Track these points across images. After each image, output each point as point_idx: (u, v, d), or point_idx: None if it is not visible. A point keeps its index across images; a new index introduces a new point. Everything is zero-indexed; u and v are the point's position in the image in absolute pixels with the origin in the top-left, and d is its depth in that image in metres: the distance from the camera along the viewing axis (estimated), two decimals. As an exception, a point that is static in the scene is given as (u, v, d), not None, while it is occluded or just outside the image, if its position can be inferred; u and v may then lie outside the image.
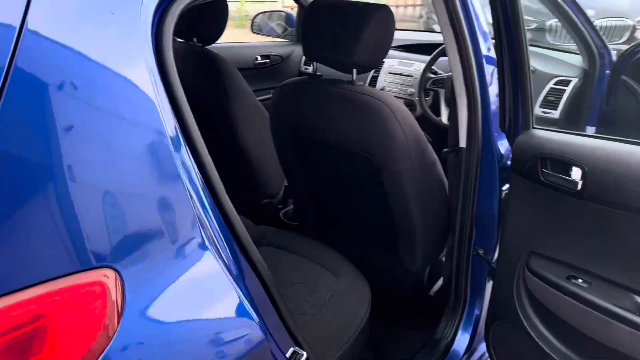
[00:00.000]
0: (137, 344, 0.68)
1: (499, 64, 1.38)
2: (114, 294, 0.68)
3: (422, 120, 2.63)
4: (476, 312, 1.78)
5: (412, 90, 2.68)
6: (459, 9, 1.45)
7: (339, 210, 1.95)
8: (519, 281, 1.46)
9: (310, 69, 3.20)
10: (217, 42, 2.11)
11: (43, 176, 0.63)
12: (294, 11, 3.35)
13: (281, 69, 3.17)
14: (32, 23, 0.63)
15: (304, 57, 3.26)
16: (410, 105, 2.69)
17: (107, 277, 0.68)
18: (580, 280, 1.28)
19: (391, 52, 2.94)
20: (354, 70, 1.58)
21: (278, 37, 3.47)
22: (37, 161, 0.63)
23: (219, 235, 0.84)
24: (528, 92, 1.34)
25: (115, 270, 0.69)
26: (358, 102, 1.55)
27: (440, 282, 1.91)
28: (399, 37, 3.10)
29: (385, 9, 1.51)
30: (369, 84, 2.84)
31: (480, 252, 1.70)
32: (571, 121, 2.42)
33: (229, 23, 2.40)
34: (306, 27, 1.60)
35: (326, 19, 1.58)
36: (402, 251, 1.80)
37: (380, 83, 2.80)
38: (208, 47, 2.12)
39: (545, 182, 1.30)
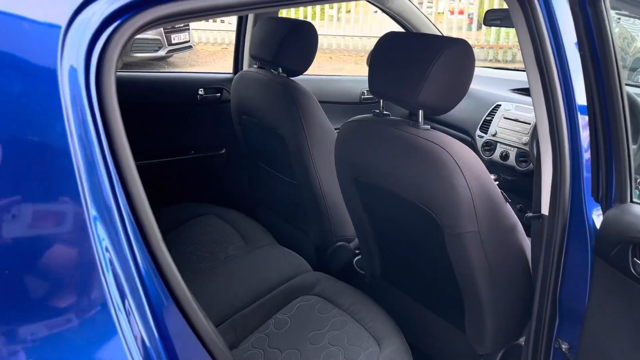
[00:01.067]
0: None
1: (590, 115, 1.09)
2: None
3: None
4: None
5: (528, 139, 2.35)
6: (548, 43, 1.18)
7: (404, 265, 1.72)
8: (598, 398, 1.12)
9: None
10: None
11: None
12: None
13: (393, 106, 3.00)
14: None
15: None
16: (523, 156, 2.35)
17: None
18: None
19: (510, 94, 2.63)
20: (420, 112, 1.38)
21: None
22: None
23: (143, 299, 0.70)
24: (624, 154, 1.03)
25: None
26: (418, 147, 1.34)
27: (516, 372, 1.58)
28: (521, 78, 2.77)
29: (461, 44, 1.30)
30: (480, 129, 2.55)
31: (564, 346, 1.36)
32: None
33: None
34: (373, 60, 1.44)
35: (393, 53, 1.41)
36: (468, 326, 1.51)
37: (492, 128, 2.50)
38: (306, 77, 2.04)
39: (637, 277, 0.97)
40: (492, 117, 2.53)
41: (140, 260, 0.69)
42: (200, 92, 2.44)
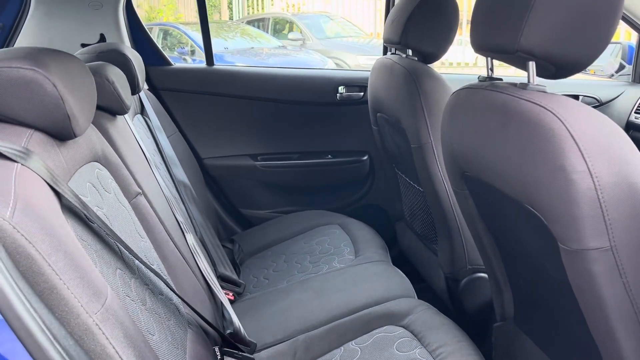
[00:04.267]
0: None
1: None
2: None
3: None
4: None
5: None
6: None
7: (537, 305, 1.20)
8: None
9: (641, 118, 2.28)
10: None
11: None
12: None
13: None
14: None
15: (637, 102, 2.34)
16: None
17: None
18: None
19: None
20: (530, 65, 0.93)
21: (611, 77, 2.63)
22: None
23: None
24: None
25: None
26: (515, 113, 0.90)
27: None
28: None
29: None
30: None
31: None
32: None
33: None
34: (474, 7, 1.04)
35: None
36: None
37: None
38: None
39: None
40: None
41: None
42: (340, 91, 2.21)
